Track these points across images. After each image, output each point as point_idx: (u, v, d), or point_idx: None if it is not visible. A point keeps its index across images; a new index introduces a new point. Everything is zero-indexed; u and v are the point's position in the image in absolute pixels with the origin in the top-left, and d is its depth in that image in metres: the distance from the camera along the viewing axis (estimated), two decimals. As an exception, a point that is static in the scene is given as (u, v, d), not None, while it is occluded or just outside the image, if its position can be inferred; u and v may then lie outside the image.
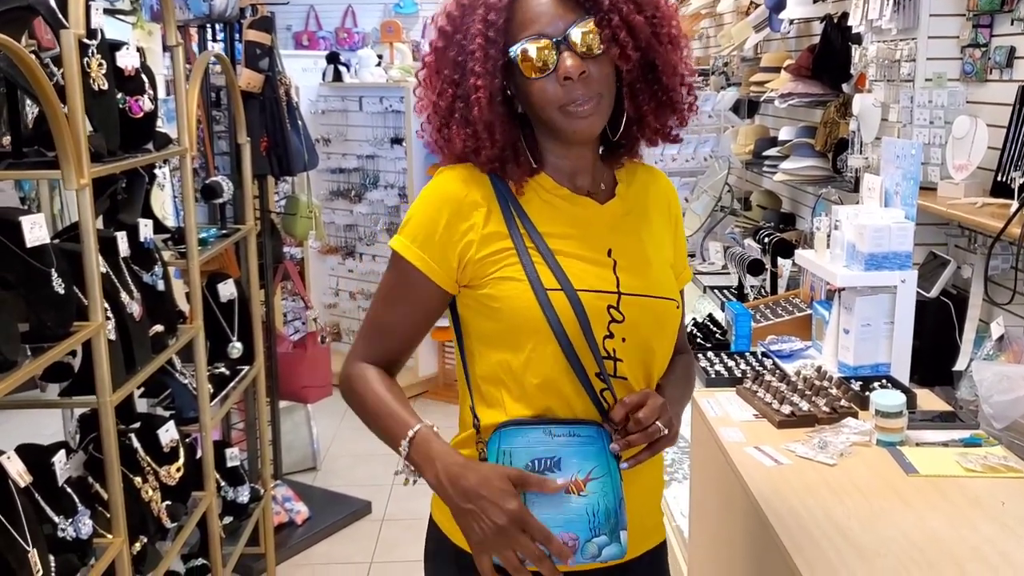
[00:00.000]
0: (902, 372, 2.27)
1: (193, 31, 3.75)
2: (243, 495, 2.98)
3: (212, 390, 2.72)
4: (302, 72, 5.41)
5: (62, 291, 1.86)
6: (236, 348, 3.01)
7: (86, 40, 1.97)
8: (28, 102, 2.15)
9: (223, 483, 2.93)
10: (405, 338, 1.43)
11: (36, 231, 1.80)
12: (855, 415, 2.00)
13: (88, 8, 1.98)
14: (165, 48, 5.42)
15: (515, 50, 1.29)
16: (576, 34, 1.27)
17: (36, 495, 1.80)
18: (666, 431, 1.32)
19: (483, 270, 1.34)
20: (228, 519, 2.94)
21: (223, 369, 2.97)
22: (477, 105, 1.30)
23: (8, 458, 1.68)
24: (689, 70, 1.39)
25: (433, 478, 1.29)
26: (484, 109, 1.30)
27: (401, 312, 1.40)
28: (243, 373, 3.02)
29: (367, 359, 1.43)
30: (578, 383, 1.33)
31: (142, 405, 2.70)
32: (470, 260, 1.35)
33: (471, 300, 1.37)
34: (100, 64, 2.03)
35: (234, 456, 2.99)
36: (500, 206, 1.36)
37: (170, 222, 2.84)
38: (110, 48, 2.13)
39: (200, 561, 2.75)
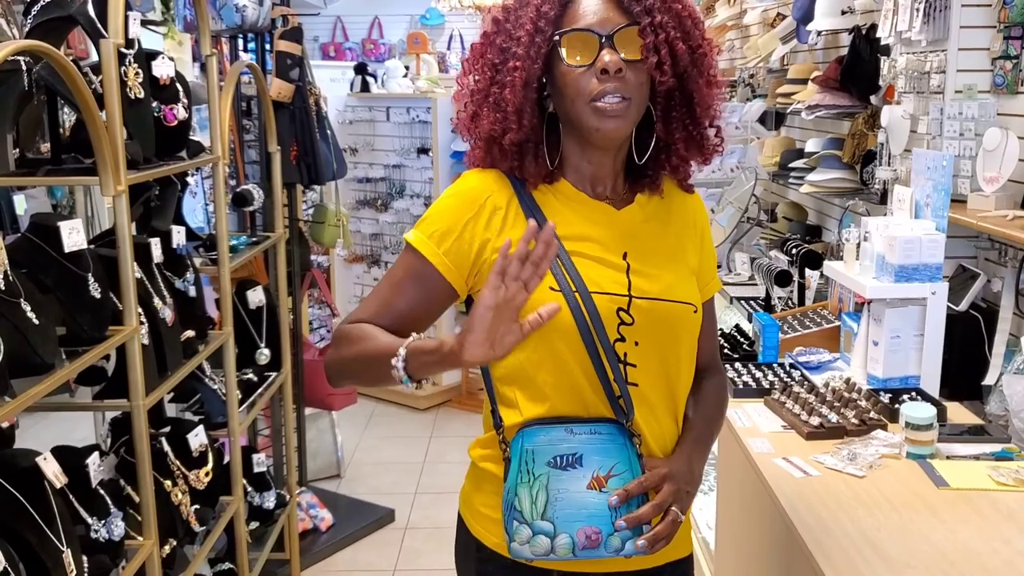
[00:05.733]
0: (932, 385, 2.25)
1: (223, 41, 3.80)
2: (269, 501, 3.00)
3: (240, 396, 2.75)
4: (330, 82, 5.46)
5: (98, 295, 1.89)
6: (264, 354, 3.03)
7: (124, 49, 2.01)
8: (65, 109, 2.19)
9: (250, 488, 2.95)
10: (405, 323, 1.39)
11: (74, 236, 1.83)
12: (884, 427, 1.99)
13: (126, 18, 2.01)
14: (195, 58, 5.49)
15: (559, 36, 1.33)
16: (621, 35, 1.32)
17: (71, 496, 1.83)
18: (682, 517, 1.35)
19: None
20: (254, 524, 2.96)
21: (251, 375, 2.99)
22: (511, 87, 1.34)
23: (45, 459, 1.70)
24: (719, 113, 1.43)
25: (438, 361, 1.24)
26: (518, 92, 1.34)
27: (406, 299, 1.41)
28: (271, 379, 3.05)
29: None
30: (592, 382, 1.36)
31: (171, 410, 2.73)
32: (487, 260, 1.37)
33: None
34: (136, 73, 2.07)
35: (261, 462, 3.01)
36: (523, 208, 1.39)
37: (197, 223, 2.87)
38: (146, 57, 2.17)
39: (227, 565, 2.77)
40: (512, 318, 1.17)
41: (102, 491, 1.93)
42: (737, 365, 2.55)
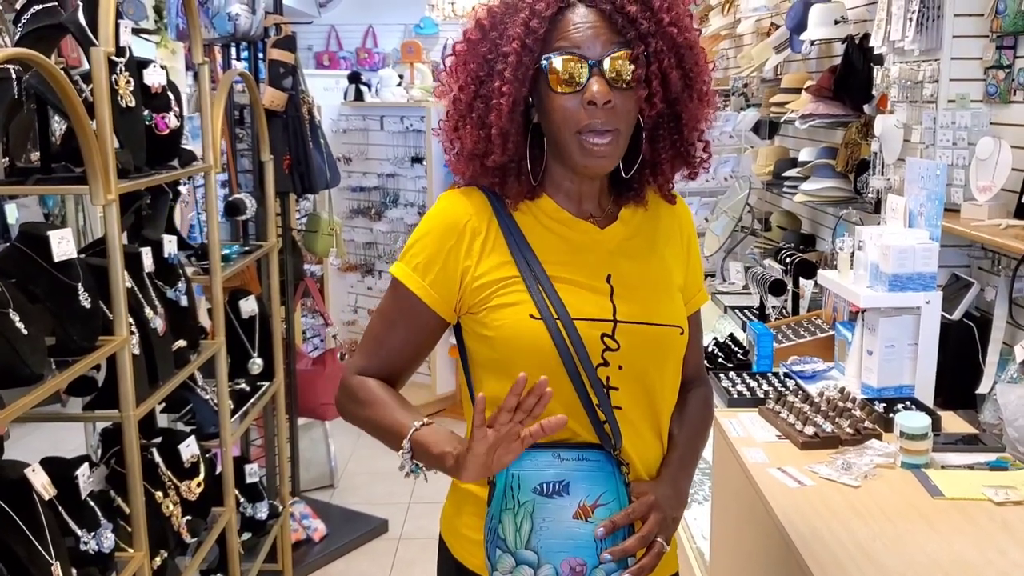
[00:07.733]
0: (926, 394, 2.25)
1: (216, 49, 3.79)
2: (262, 511, 2.98)
3: (232, 406, 2.73)
4: (324, 91, 5.45)
5: (88, 305, 1.87)
6: (256, 364, 3.02)
7: (114, 58, 2.00)
8: (56, 118, 2.18)
9: (242, 499, 2.93)
10: (403, 359, 1.42)
11: (63, 246, 1.82)
12: (879, 437, 1.98)
13: (117, 26, 2.01)
14: (188, 66, 5.48)
15: (547, 60, 1.27)
16: (611, 62, 1.26)
17: (60, 508, 1.81)
18: (667, 547, 1.32)
19: (481, 296, 1.34)
20: (246, 535, 2.94)
21: (243, 385, 2.98)
22: (497, 110, 1.28)
23: (33, 471, 1.68)
24: (709, 126, 1.40)
25: (440, 468, 1.28)
26: (504, 116, 1.28)
27: (400, 335, 1.40)
28: (263, 389, 3.03)
29: (366, 373, 1.42)
30: (575, 411, 1.32)
31: (163, 420, 2.71)
32: (468, 286, 1.34)
33: (470, 327, 1.37)
34: (128, 81, 2.06)
35: (253, 472, 2.99)
36: (503, 232, 1.35)
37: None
38: (137, 66, 2.16)
39: (219, 577, 2.75)
40: (508, 443, 1.18)
41: (92, 502, 1.91)
42: (731, 374, 2.55)
